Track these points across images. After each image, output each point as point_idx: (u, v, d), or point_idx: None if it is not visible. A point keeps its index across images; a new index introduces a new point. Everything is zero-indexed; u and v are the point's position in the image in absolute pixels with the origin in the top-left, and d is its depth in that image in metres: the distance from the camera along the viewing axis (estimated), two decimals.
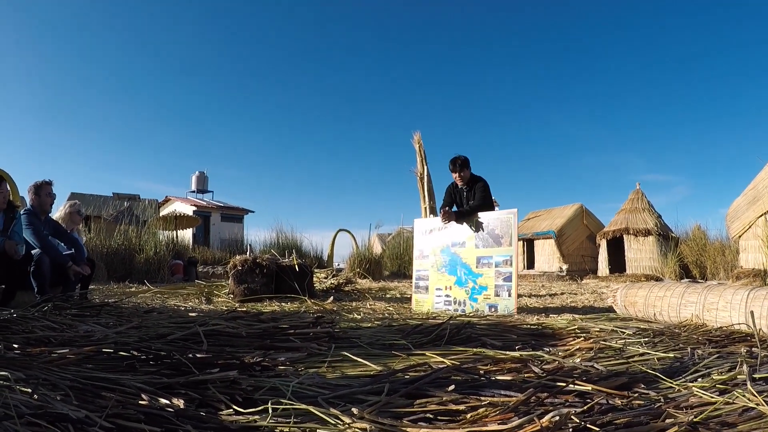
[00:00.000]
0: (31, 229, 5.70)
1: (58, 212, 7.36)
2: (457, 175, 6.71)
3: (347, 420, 1.77)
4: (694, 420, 1.83)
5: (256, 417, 1.86)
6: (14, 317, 3.73)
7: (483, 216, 6.33)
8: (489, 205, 6.55)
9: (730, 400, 2.07)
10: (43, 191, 5.99)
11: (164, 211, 27.73)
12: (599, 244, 16.13)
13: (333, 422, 1.78)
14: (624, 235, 15.11)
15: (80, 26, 64.77)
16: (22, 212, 5.77)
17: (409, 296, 7.63)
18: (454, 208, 6.78)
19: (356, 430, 1.72)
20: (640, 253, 14.64)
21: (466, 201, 6.69)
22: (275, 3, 70.51)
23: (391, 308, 6.54)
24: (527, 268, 17.52)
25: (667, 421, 1.85)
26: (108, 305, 4.93)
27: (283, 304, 6.90)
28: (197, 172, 37.19)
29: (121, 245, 13.19)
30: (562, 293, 9.61)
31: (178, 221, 19.97)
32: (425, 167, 12.59)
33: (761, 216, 9.85)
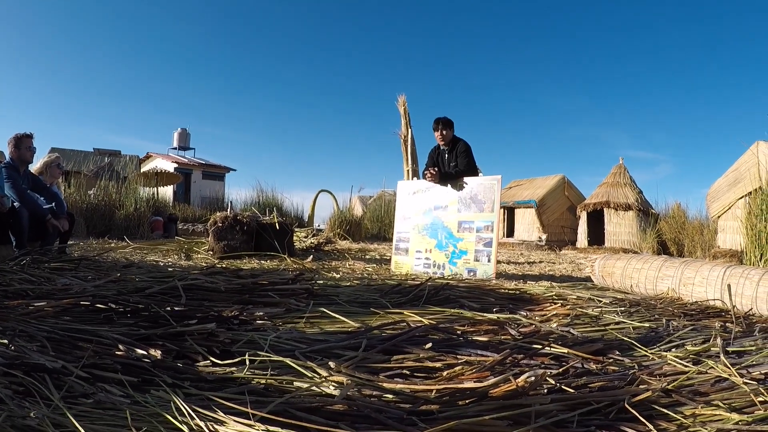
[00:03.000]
0: (9, 182, 5.60)
1: (36, 165, 7.23)
2: (438, 134, 6.68)
3: (324, 373, 1.78)
4: (668, 387, 1.85)
5: (233, 369, 1.86)
6: None
7: (467, 180, 6.32)
8: (473, 170, 6.54)
9: (704, 370, 2.09)
10: (23, 144, 5.87)
11: (145, 168, 27.43)
12: (579, 216, 16.20)
13: (309, 375, 1.78)
14: (604, 209, 15.18)
15: None
16: (1, 166, 5.69)
17: (388, 258, 7.64)
18: None
19: (332, 383, 1.72)
20: (620, 227, 14.75)
21: (448, 163, 6.66)
22: None
23: (370, 269, 6.56)
24: (507, 237, 17.59)
25: (641, 387, 1.87)
26: (86, 259, 4.89)
27: (262, 261, 6.89)
28: (179, 129, 36.64)
29: (101, 201, 13.04)
30: (540, 261, 9.69)
31: (159, 178, 19.75)
32: (409, 130, 12.47)
33: (741, 198, 9.92)
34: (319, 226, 18.28)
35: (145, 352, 1.96)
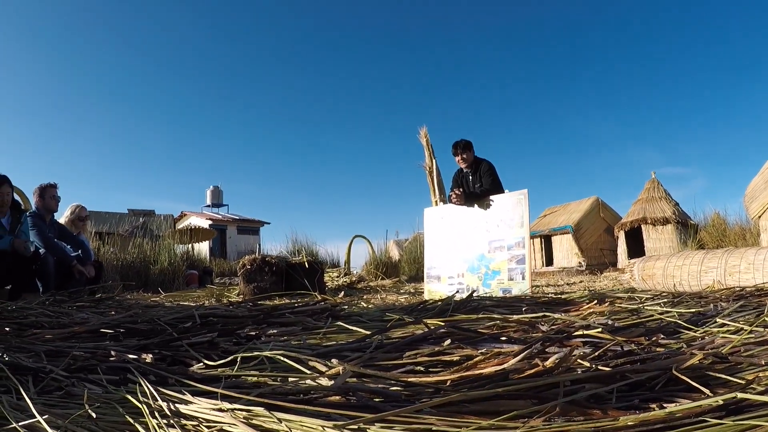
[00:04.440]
0: (35, 230, 5.74)
1: (62, 219, 7.31)
2: (459, 158, 6.56)
3: (323, 369, 1.59)
4: (722, 352, 1.63)
5: (226, 369, 1.69)
6: (9, 308, 3.62)
7: (493, 199, 6.13)
8: (498, 187, 6.35)
9: (762, 331, 1.86)
10: (48, 194, 6.07)
11: (180, 226, 27.72)
12: (617, 236, 15.75)
13: (308, 373, 1.60)
14: (642, 225, 14.74)
15: (97, 48, 65.52)
16: (27, 214, 5.78)
17: (423, 291, 7.44)
18: None
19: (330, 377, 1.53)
20: (660, 242, 14.25)
21: (472, 185, 6.50)
22: (282, 17, 70.90)
23: (402, 299, 6.34)
24: (546, 265, 17.15)
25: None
26: (109, 299, 4.82)
27: (292, 300, 6.74)
28: (212, 187, 37.14)
29: (136, 258, 13.09)
30: (580, 282, 9.38)
31: (194, 234, 19.89)
32: (434, 161, 12.35)
33: None
34: (355, 272, 18.10)
35: (136, 357, 1.80)
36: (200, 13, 69.37)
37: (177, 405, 1.16)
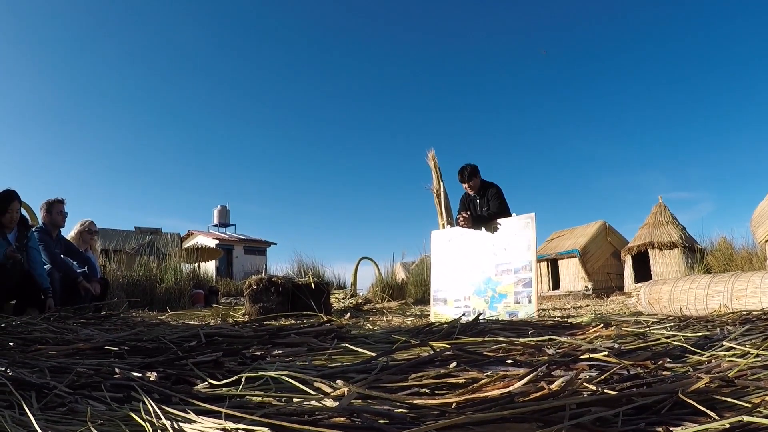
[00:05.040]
0: (42, 245, 5.75)
1: (71, 234, 7.34)
2: (466, 185, 6.55)
3: (328, 390, 1.58)
4: (729, 375, 1.62)
5: (230, 388, 1.68)
6: (14, 323, 3.63)
7: (500, 222, 6.13)
8: (506, 211, 6.34)
9: None
10: (55, 209, 6.10)
11: (187, 245, 27.78)
12: (624, 260, 15.68)
13: (313, 393, 1.59)
14: (649, 249, 14.68)
15: (106, 64, 66.06)
16: (33, 230, 5.78)
17: (429, 313, 7.42)
18: None
19: (336, 401, 1.53)
20: (666, 267, 14.18)
21: (479, 208, 6.50)
22: (292, 38, 71.49)
23: (408, 321, 6.32)
24: (552, 289, 17.09)
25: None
26: (115, 316, 4.82)
27: (298, 321, 6.73)
28: (219, 206, 37.24)
29: (142, 276, 13.11)
30: (587, 305, 9.32)
31: (200, 253, 19.92)
32: (441, 183, 12.40)
33: None
34: (361, 293, 18.04)
35: (140, 375, 1.80)
36: (212, 33, 69.97)
37: (180, 423, 1.16)
